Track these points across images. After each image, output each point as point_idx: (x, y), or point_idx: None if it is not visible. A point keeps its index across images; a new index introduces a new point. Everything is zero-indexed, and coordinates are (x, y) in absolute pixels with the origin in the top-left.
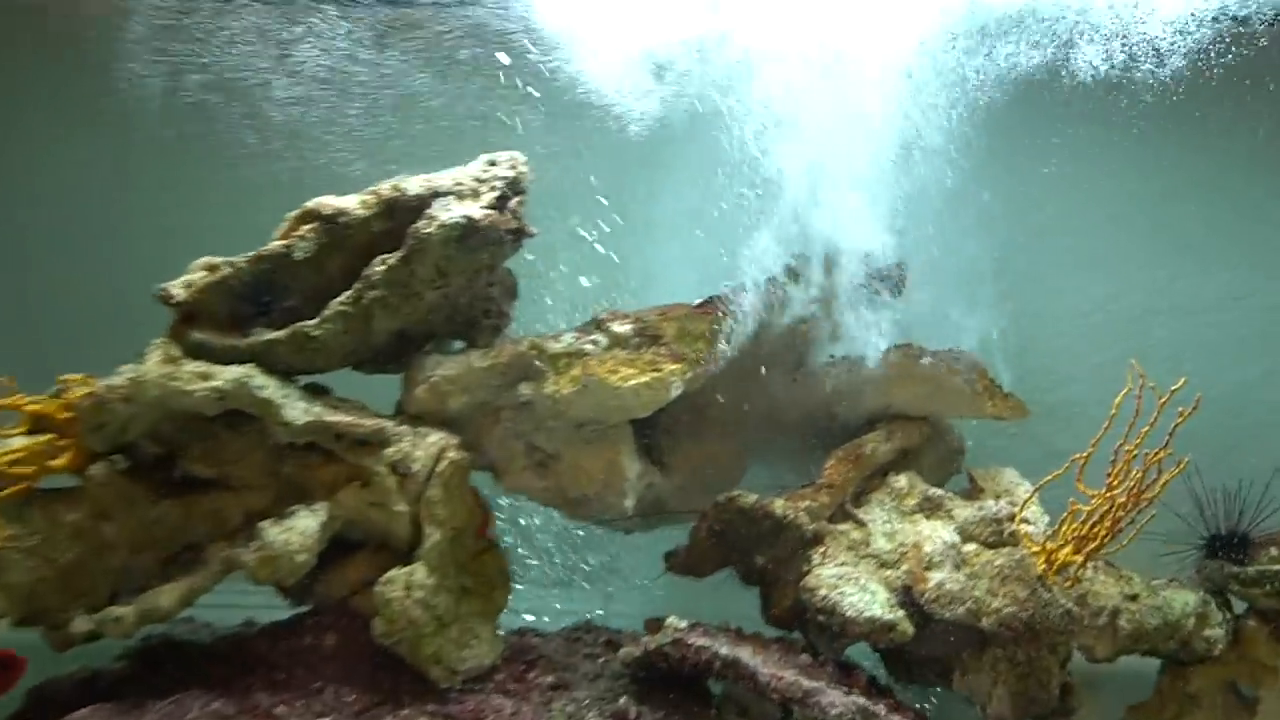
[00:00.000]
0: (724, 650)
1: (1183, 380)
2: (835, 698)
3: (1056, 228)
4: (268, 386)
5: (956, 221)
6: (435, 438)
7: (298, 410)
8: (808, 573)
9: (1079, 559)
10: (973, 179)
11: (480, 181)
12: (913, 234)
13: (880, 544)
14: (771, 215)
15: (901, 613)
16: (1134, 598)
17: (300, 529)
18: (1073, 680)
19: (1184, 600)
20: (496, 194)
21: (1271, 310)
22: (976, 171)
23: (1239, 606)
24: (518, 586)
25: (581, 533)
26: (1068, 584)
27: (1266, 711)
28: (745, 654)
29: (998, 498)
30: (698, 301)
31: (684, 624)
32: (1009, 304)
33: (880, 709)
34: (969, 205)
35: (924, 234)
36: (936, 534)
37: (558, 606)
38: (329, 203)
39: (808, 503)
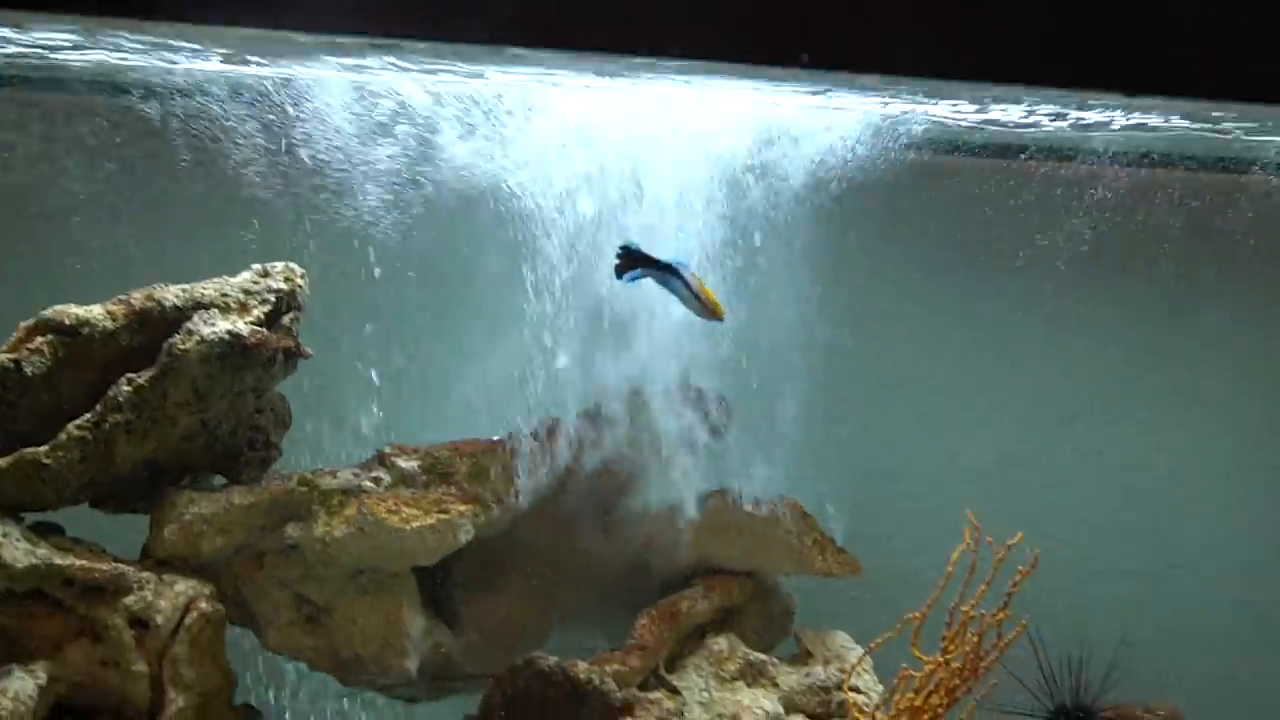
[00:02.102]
0: None
1: (1019, 535)
2: None
3: (902, 376)
4: None
5: (789, 363)
6: (184, 586)
7: (19, 551)
8: None
9: None
10: (810, 316)
11: (249, 294)
12: (740, 369)
13: (696, 714)
14: (579, 342)
15: None
16: None
17: (14, 693)
18: None
19: None
20: (268, 308)
21: (1128, 468)
22: (814, 309)
23: None
24: None
25: None
26: None
27: None
28: None
29: (827, 663)
30: (496, 436)
31: None
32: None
33: None
34: (804, 346)
35: (753, 371)
36: (758, 704)
37: None
38: (69, 311)
39: (616, 667)
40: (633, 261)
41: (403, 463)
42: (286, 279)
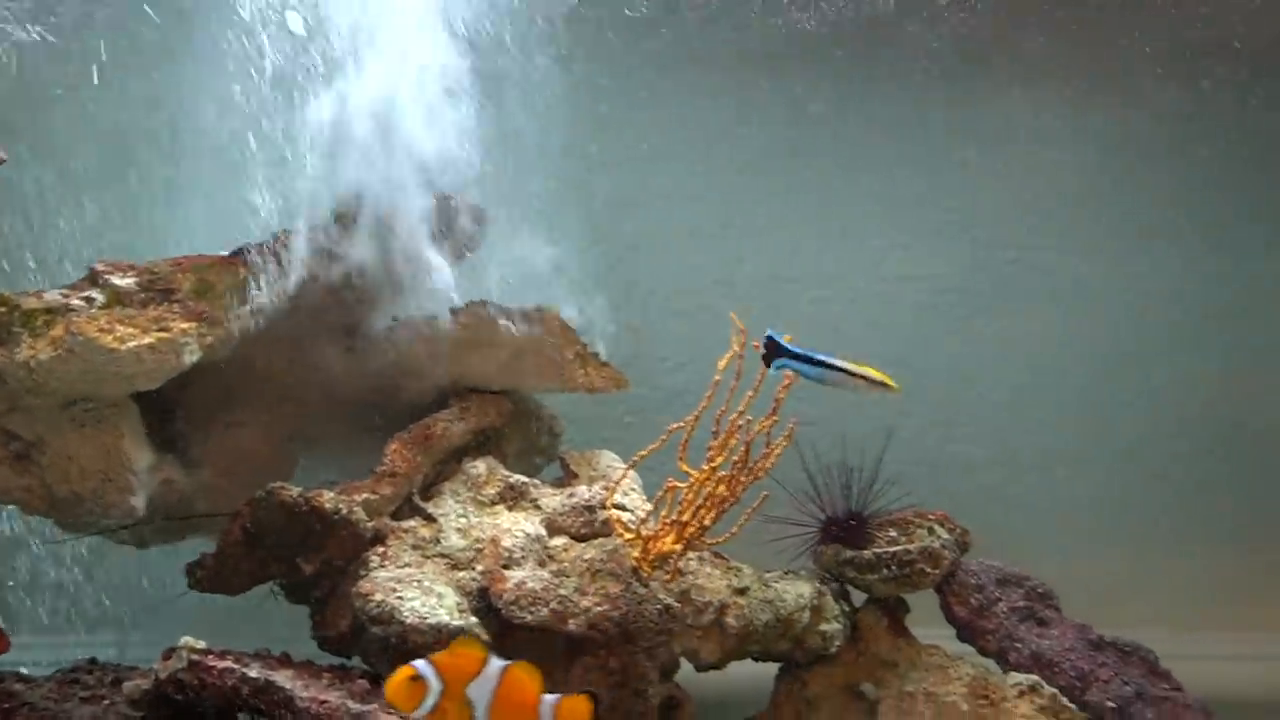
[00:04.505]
0: (253, 674)
1: (788, 337)
2: None
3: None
4: None
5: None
6: None
7: None
8: (363, 578)
9: (678, 548)
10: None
11: None
12: (495, 181)
13: (453, 541)
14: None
15: (474, 618)
16: (743, 591)
17: None
18: (682, 694)
19: (797, 592)
20: None
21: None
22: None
23: (860, 598)
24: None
25: None
26: (667, 578)
27: (886, 712)
28: (282, 678)
29: (592, 483)
30: (225, 252)
31: (202, 645)
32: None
33: None
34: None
35: (509, 183)
36: (518, 527)
37: None
38: None
39: (366, 495)
40: (777, 351)
41: (117, 280)
42: None
